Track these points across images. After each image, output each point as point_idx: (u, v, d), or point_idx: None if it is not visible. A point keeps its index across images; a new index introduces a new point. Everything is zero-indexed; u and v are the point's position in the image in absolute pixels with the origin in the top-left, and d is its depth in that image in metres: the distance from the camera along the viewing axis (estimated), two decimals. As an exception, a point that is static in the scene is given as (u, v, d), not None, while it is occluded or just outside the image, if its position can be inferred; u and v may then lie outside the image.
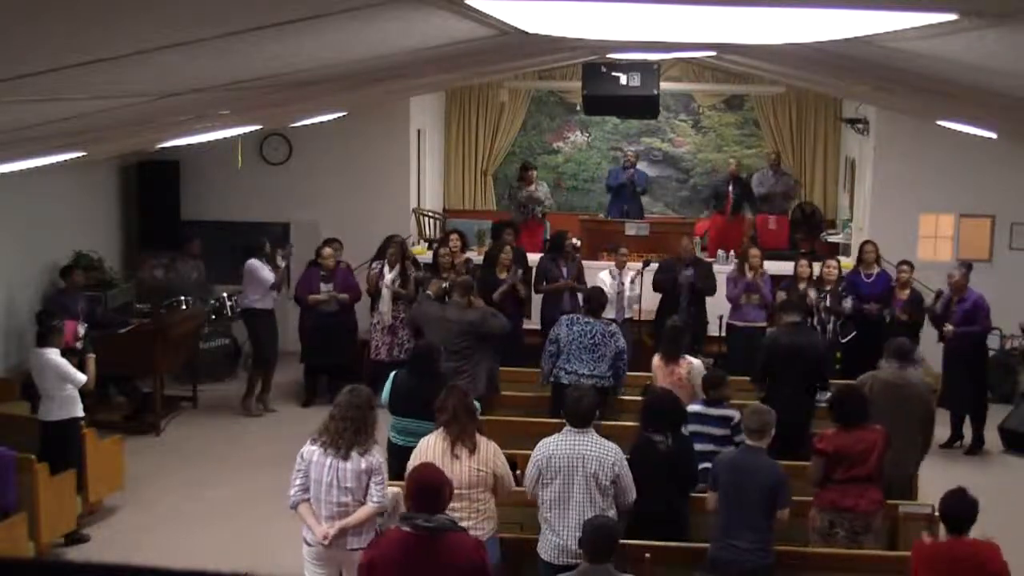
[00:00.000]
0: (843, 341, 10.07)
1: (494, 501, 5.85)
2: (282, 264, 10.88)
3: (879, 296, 10.33)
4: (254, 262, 10.67)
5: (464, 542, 4.69)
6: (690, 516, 6.32)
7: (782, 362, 7.80)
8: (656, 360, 7.81)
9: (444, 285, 9.60)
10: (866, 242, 10.95)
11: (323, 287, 10.73)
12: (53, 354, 7.72)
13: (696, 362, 7.85)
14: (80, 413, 7.84)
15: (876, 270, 10.58)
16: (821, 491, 6.39)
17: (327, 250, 10.78)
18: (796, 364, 7.77)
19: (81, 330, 8.48)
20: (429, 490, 4.71)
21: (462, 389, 6.12)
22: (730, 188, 13.45)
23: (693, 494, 6.35)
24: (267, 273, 10.66)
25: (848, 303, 10.05)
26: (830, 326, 10.02)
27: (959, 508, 5.21)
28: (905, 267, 10.34)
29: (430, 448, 5.83)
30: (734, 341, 10.54)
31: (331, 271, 10.76)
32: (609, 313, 10.50)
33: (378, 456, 5.67)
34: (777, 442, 7.23)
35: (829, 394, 8.69)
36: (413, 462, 5.89)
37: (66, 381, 7.69)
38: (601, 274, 10.77)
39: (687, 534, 6.26)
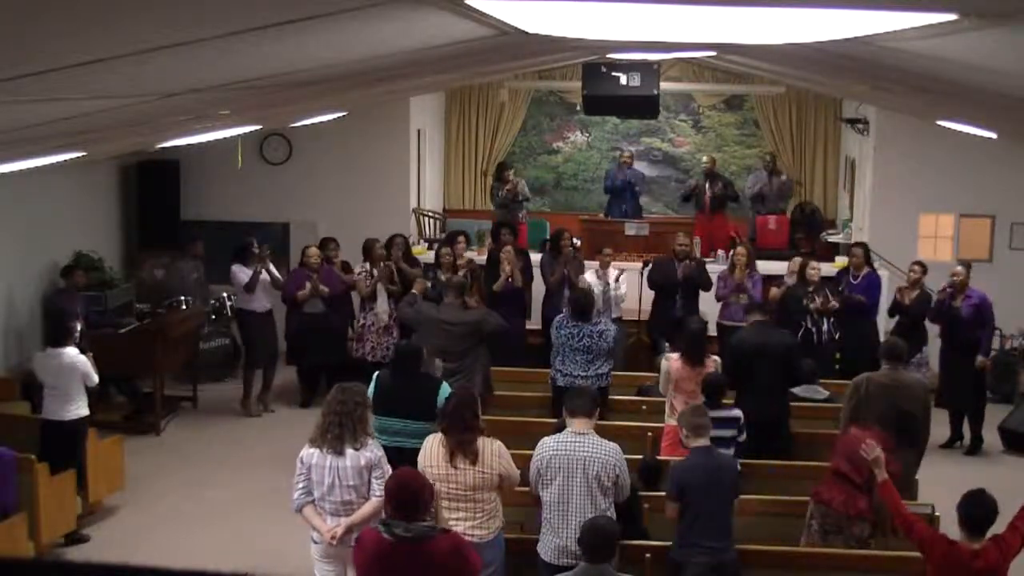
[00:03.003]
0: (838, 338, 10.06)
1: (500, 500, 5.84)
2: (257, 265, 10.69)
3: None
4: (234, 266, 10.66)
5: (443, 544, 4.66)
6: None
7: (750, 361, 7.80)
8: (676, 364, 7.62)
9: (428, 284, 9.58)
10: (855, 245, 10.96)
11: (308, 285, 10.71)
12: (75, 353, 7.76)
13: (717, 359, 7.85)
14: (87, 412, 7.88)
15: (865, 271, 10.57)
16: (822, 481, 6.43)
17: (312, 250, 10.76)
18: (764, 362, 7.77)
19: (77, 328, 8.49)
20: (406, 497, 4.69)
21: (467, 395, 6.03)
22: (707, 185, 13.44)
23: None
24: (243, 275, 10.64)
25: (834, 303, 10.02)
26: (824, 327, 10.00)
27: (981, 509, 5.13)
28: (916, 267, 10.30)
29: (432, 452, 5.81)
30: (723, 340, 10.53)
31: (317, 271, 10.74)
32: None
33: (376, 450, 5.66)
34: (752, 440, 7.30)
35: (827, 393, 8.73)
36: (419, 461, 5.90)
37: (86, 380, 7.73)
38: (585, 274, 10.75)
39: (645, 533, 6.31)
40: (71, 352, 7.76)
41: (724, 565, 5.76)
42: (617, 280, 10.65)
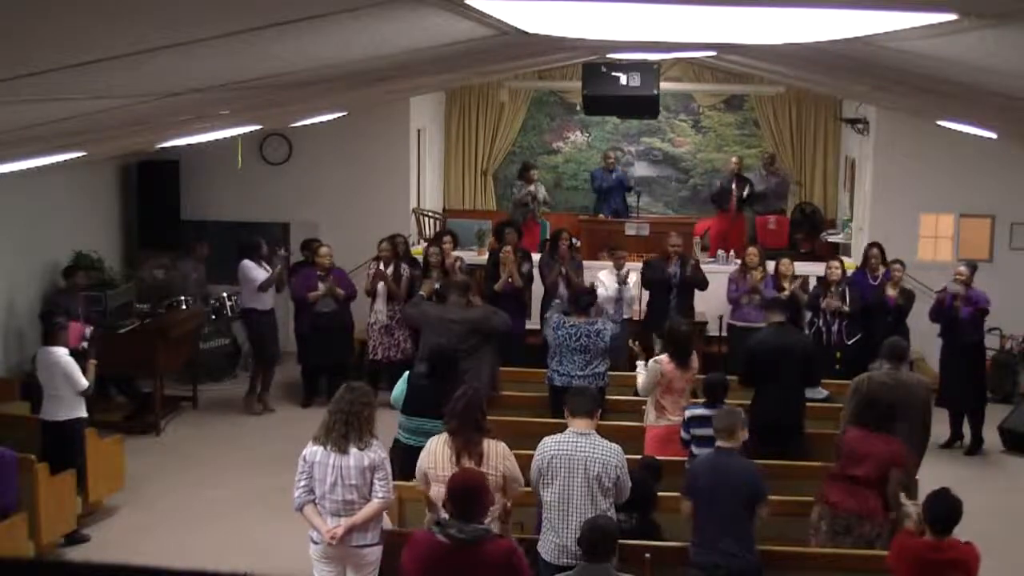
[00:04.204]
0: (848, 343, 10.05)
1: (504, 501, 5.83)
2: (275, 267, 10.76)
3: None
4: (246, 262, 10.68)
5: (497, 550, 4.68)
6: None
7: (769, 363, 7.78)
8: (667, 365, 7.65)
9: (436, 285, 9.59)
10: (871, 246, 10.94)
11: (321, 286, 10.72)
12: (62, 353, 7.73)
13: (694, 354, 7.87)
14: (84, 413, 7.85)
15: (881, 271, 10.57)
16: (824, 485, 6.41)
17: (324, 248, 10.78)
18: (783, 364, 7.75)
19: (87, 332, 8.48)
20: (468, 498, 4.71)
21: (476, 396, 6.00)
22: (734, 186, 13.40)
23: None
24: (257, 273, 10.65)
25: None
26: (835, 327, 10.00)
27: (944, 508, 5.20)
28: (898, 266, 10.35)
29: (436, 452, 5.81)
30: (735, 341, 10.54)
31: (328, 270, 10.76)
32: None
33: (380, 452, 5.65)
34: (770, 442, 7.29)
35: (826, 393, 8.74)
36: (421, 462, 5.90)
37: (71, 384, 7.68)
38: (600, 274, 10.76)
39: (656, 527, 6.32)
40: (57, 352, 7.72)
41: (731, 567, 5.72)
42: (625, 281, 10.64)
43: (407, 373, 7.22)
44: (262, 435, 10.21)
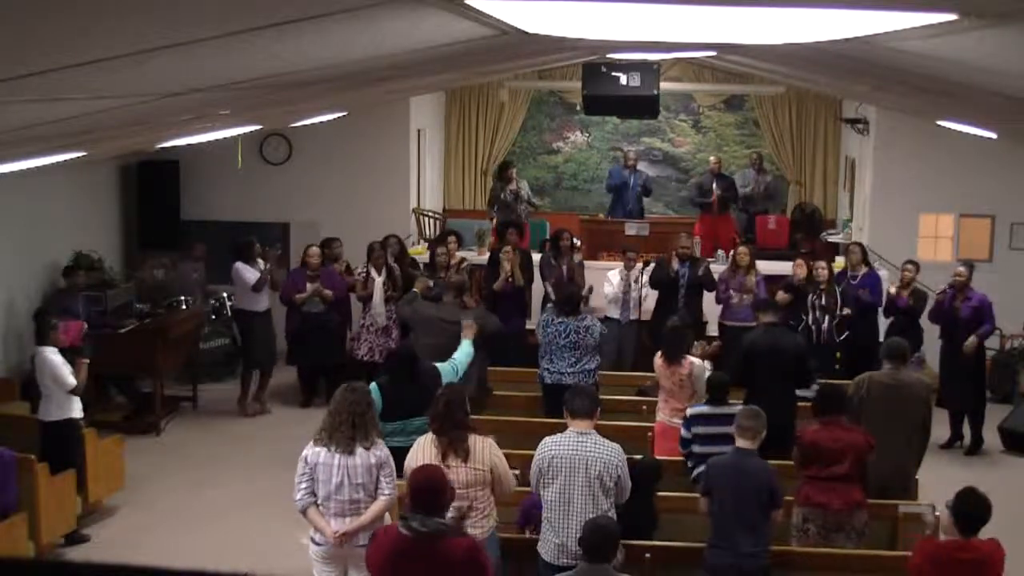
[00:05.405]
0: (839, 340, 10.05)
1: (493, 499, 5.83)
2: (263, 264, 10.72)
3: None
4: (238, 265, 10.65)
5: (459, 546, 4.68)
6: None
7: (760, 363, 7.78)
8: (658, 360, 7.78)
9: (430, 283, 9.58)
10: (852, 244, 10.98)
11: (309, 287, 10.71)
12: (50, 353, 7.71)
13: (698, 362, 7.84)
14: (78, 414, 7.81)
15: (863, 270, 10.55)
16: (799, 487, 6.42)
17: (313, 249, 10.78)
18: (775, 364, 7.74)
19: (58, 327, 8.46)
20: (428, 492, 4.71)
21: (457, 394, 5.98)
22: (714, 185, 13.41)
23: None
24: (250, 275, 10.64)
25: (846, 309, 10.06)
26: (825, 325, 9.99)
27: (973, 507, 5.15)
28: (910, 266, 10.31)
29: (423, 450, 5.82)
30: (726, 341, 10.52)
31: (316, 271, 10.74)
32: (614, 313, 10.53)
33: (384, 449, 5.66)
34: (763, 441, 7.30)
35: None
36: (408, 460, 5.90)
37: (57, 383, 7.66)
38: (610, 273, 10.74)
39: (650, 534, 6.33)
40: (46, 351, 7.69)
41: (744, 567, 5.73)
42: (636, 281, 10.61)
43: (373, 383, 7.17)
44: (262, 435, 10.20)
